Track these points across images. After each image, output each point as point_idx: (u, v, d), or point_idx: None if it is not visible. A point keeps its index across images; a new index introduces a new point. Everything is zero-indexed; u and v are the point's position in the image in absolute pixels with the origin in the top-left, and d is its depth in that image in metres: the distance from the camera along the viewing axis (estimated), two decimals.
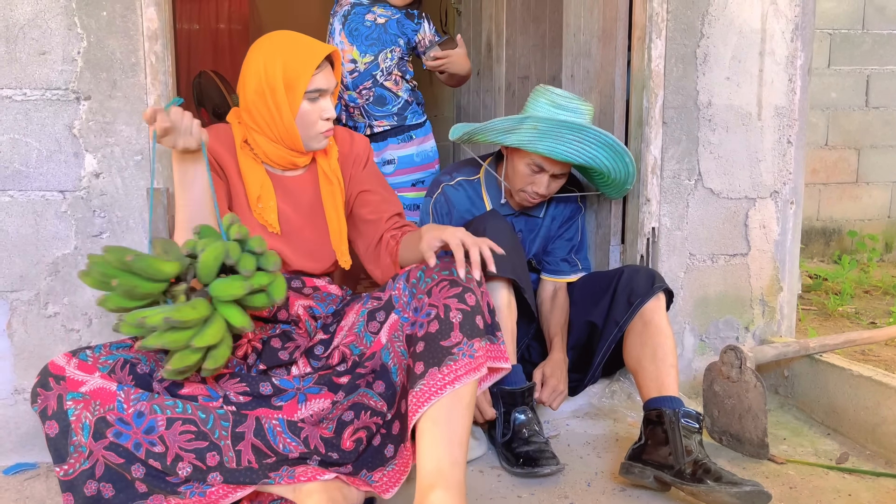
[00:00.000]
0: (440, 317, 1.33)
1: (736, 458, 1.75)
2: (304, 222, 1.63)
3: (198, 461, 1.28)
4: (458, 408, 1.31)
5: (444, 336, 1.32)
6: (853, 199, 4.41)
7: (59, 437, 1.26)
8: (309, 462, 1.37)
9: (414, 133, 2.49)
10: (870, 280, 3.60)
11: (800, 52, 2.13)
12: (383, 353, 1.43)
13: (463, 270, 1.38)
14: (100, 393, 1.28)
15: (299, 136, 1.56)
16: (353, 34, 2.37)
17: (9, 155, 1.66)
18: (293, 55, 1.51)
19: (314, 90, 1.53)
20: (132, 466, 1.26)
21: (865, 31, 4.27)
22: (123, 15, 1.67)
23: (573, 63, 2.42)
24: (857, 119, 4.33)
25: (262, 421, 1.34)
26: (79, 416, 1.26)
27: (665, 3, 2.01)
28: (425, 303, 1.37)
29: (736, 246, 2.16)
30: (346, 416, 1.40)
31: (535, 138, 1.79)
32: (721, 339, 2.17)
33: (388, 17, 2.39)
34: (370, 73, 2.38)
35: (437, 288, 1.37)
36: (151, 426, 1.27)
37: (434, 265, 1.42)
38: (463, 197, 2.00)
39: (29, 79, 1.65)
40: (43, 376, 1.29)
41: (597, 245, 2.26)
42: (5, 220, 1.67)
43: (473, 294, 1.37)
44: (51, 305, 1.70)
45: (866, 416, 1.81)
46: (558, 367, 1.87)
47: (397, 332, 1.43)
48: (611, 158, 1.86)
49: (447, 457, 1.27)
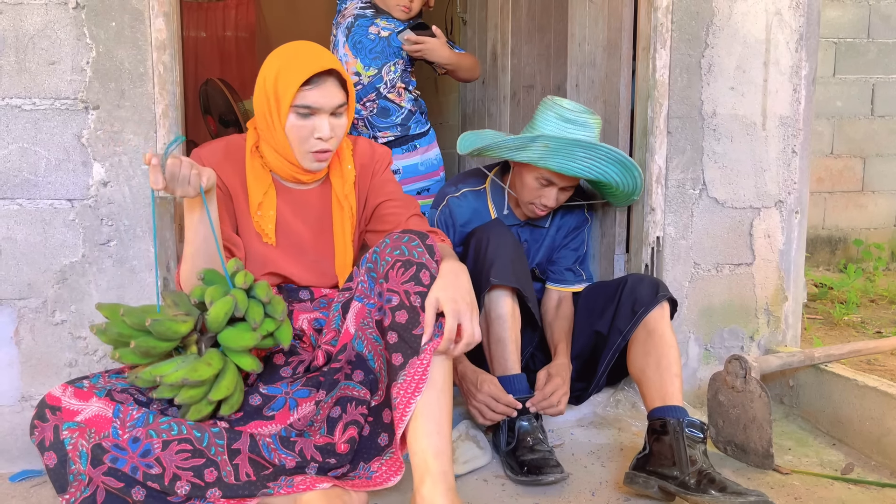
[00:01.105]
0: (405, 304, 1.34)
1: (741, 469, 1.75)
2: (312, 236, 1.64)
3: (196, 478, 1.28)
4: (432, 392, 1.33)
5: (415, 324, 1.34)
6: (859, 208, 4.41)
7: (58, 466, 1.27)
8: (307, 471, 1.37)
9: (418, 142, 2.51)
10: (875, 289, 3.59)
11: (804, 61, 2.14)
12: (355, 343, 1.43)
13: (447, 344, 1.35)
14: (95, 420, 1.29)
15: (291, 150, 1.54)
16: (357, 47, 2.39)
17: (18, 164, 1.67)
18: (287, 65, 1.49)
19: (302, 105, 1.49)
20: (132, 490, 1.27)
21: (871, 39, 4.27)
22: (132, 25, 1.68)
23: (578, 73, 2.43)
24: (863, 127, 4.32)
25: (256, 438, 1.35)
26: (75, 445, 1.27)
27: (669, 13, 2.01)
28: (385, 288, 1.38)
29: (740, 255, 2.16)
30: (334, 412, 1.41)
31: (546, 156, 1.80)
32: (726, 348, 2.17)
33: (392, 29, 2.40)
34: (374, 85, 2.40)
35: (393, 271, 1.37)
36: (147, 449, 1.27)
37: (384, 246, 1.41)
38: (468, 208, 2.01)
39: (38, 88, 1.66)
40: (40, 408, 1.30)
41: (601, 254, 2.26)
42: (14, 229, 1.68)
43: (427, 269, 1.37)
44: (58, 313, 1.71)
45: (872, 427, 1.81)
46: (563, 368, 1.87)
47: (366, 318, 1.43)
48: (620, 174, 1.88)
49: (430, 448, 1.31)
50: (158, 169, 1.29)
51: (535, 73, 2.84)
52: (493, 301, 1.78)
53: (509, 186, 1.98)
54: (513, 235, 1.86)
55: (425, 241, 1.40)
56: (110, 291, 1.72)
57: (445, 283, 1.36)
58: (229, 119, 4.45)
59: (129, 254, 1.72)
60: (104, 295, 1.71)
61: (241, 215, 1.59)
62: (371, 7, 2.43)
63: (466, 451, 1.72)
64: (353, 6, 2.43)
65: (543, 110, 1.88)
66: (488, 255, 1.77)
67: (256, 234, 1.59)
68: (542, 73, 2.79)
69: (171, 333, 1.30)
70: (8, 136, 1.66)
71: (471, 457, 1.71)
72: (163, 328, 1.28)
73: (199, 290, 1.38)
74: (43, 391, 1.70)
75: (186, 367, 1.30)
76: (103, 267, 1.71)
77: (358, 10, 2.42)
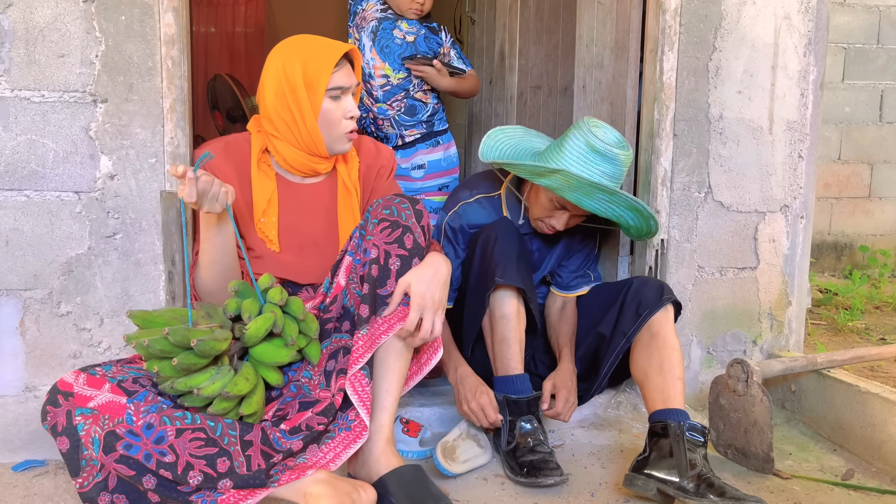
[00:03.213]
0: (380, 262, 1.41)
1: (741, 473, 1.75)
2: (322, 228, 1.65)
3: (208, 468, 1.29)
4: (389, 354, 1.45)
5: (382, 283, 1.41)
6: (865, 214, 4.39)
7: (70, 451, 1.29)
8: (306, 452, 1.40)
9: (441, 139, 2.60)
10: (880, 295, 3.58)
11: (812, 66, 2.13)
12: (343, 296, 1.49)
13: (405, 334, 1.43)
14: (109, 407, 1.31)
15: (322, 138, 1.58)
16: (385, 51, 2.43)
17: (26, 155, 1.68)
18: (312, 54, 1.54)
19: (335, 87, 1.55)
20: (143, 478, 1.27)
21: (880, 45, 4.25)
22: (141, 20, 1.69)
23: (585, 74, 2.43)
24: (871, 134, 4.31)
25: (266, 432, 1.36)
26: (88, 431, 1.28)
27: (678, 16, 2.01)
28: (369, 242, 1.43)
29: (745, 259, 2.16)
30: (329, 365, 1.45)
31: (565, 188, 1.73)
32: (728, 352, 2.16)
33: (416, 33, 2.46)
34: (403, 87, 2.46)
35: (378, 228, 1.43)
36: (161, 436, 1.28)
37: (377, 205, 1.47)
38: (481, 214, 1.95)
39: (47, 81, 1.67)
40: (52, 394, 1.31)
41: (605, 256, 2.26)
42: (21, 220, 1.69)
43: (411, 233, 1.43)
44: (63, 304, 1.72)
45: (873, 433, 1.81)
46: (570, 377, 1.87)
47: (352, 273, 1.48)
48: (636, 219, 1.84)
49: (376, 403, 1.45)
50: (194, 182, 1.33)
51: (543, 73, 2.85)
52: (498, 300, 1.78)
53: (524, 196, 1.94)
54: (519, 233, 1.85)
55: (415, 206, 1.47)
56: (115, 284, 1.73)
57: (423, 275, 1.43)
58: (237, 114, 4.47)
59: (134, 247, 1.73)
60: (110, 287, 1.72)
61: (242, 218, 1.60)
62: (389, 8, 2.45)
63: (467, 449, 1.73)
64: (371, 8, 2.46)
65: (575, 133, 1.77)
66: (495, 255, 1.77)
67: (260, 240, 1.60)
68: (550, 74, 2.79)
69: (214, 352, 1.33)
70: (17, 128, 1.67)
71: (471, 455, 1.72)
72: (206, 347, 1.30)
73: (234, 304, 1.41)
74: (47, 382, 1.71)
75: (223, 379, 1.33)
76: (109, 259, 1.72)
77: (379, 12, 2.45)
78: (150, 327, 1.34)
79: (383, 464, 1.43)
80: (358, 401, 1.40)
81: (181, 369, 1.31)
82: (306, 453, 1.40)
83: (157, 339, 1.29)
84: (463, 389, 1.77)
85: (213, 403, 1.32)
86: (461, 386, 1.78)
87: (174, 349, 1.30)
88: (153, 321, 1.35)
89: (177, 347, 1.30)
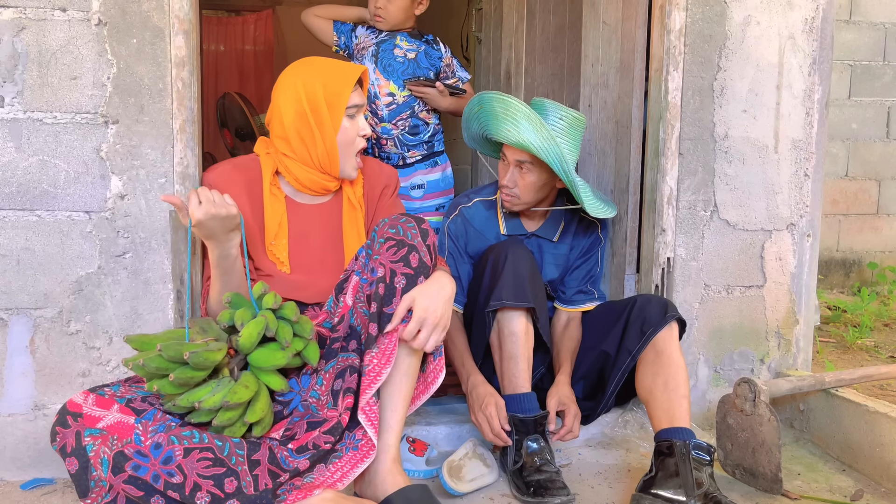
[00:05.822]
0: (386, 281, 1.43)
1: (749, 493, 1.74)
2: (328, 247, 1.67)
3: (216, 488, 1.29)
4: (395, 374, 1.46)
5: (388, 301, 1.43)
6: (874, 231, 4.38)
7: (79, 472, 1.29)
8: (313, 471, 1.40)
9: (438, 159, 2.60)
10: (890, 313, 3.56)
11: (817, 86, 2.14)
12: (350, 316, 1.50)
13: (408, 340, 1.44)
14: (117, 427, 1.31)
15: (338, 156, 1.63)
16: (388, 70, 2.45)
17: (37, 176, 1.70)
18: (331, 75, 1.62)
19: (353, 106, 1.62)
20: (152, 498, 1.27)
21: (887, 62, 4.26)
22: (152, 42, 1.72)
23: (591, 93, 2.45)
24: (878, 150, 4.31)
25: (274, 451, 1.36)
26: (97, 452, 1.28)
27: (682, 36, 2.03)
28: (376, 261, 1.45)
29: (752, 277, 2.15)
30: (337, 384, 1.45)
31: (488, 120, 1.89)
32: (736, 370, 2.16)
33: (416, 49, 2.47)
34: (409, 105, 2.47)
35: (385, 247, 1.45)
36: (169, 456, 1.28)
37: (383, 225, 1.48)
38: (477, 216, 2.03)
39: (59, 102, 1.70)
40: (61, 415, 1.32)
41: (612, 274, 2.27)
42: (32, 239, 1.71)
43: (417, 252, 1.45)
44: (73, 323, 1.74)
45: (882, 453, 1.79)
46: (570, 392, 1.88)
47: (359, 293, 1.49)
48: (536, 134, 1.81)
49: (383, 422, 1.46)
50: (196, 198, 1.41)
51: (549, 92, 2.86)
52: (506, 318, 1.79)
53: None
54: (531, 255, 1.86)
55: (421, 225, 1.49)
56: (125, 303, 1.74)
57: (428, 291, 1.45)
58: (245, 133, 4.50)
59: (143, 266, 1.74)
60: (119, 306, 1.74)
61: (253, 241, 1.62)
62: (376, 28, 2.48)
63: (473, 469, 1.72)
64: (363, 36, 2.49)
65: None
66: (504, 274, 1.79)
67: (270, 262, 1.63)
68: (556, 93, 2.81)
69: (209, 363, 1.33)
70: (29, 149, 1.69)
71: (477, 475, 1.72)
72: (200, 359, 1.31)
73: (227, 315, 1.42)
74: (56, 400, 1.73)
75: (224, 390, 1.33)
76: (118, 278, 1.74)
77: (373, 36, 2.47)
78: (147, 349, 1.35)
79: (390, 483, 1.43)
80: (366, 420, 1.40)
81: (179, 384, 1.31)
82: (313, 472, 1.40)
83: (151, 357, 1.30)
84: (475, 397, 1.78)
85: (217, 415, 1.33)
86: (473, 394, 1.79)
87: (170, 365, 1.31)
88: (149, 343, 1.36)
89: (172, 363, 1.31)
